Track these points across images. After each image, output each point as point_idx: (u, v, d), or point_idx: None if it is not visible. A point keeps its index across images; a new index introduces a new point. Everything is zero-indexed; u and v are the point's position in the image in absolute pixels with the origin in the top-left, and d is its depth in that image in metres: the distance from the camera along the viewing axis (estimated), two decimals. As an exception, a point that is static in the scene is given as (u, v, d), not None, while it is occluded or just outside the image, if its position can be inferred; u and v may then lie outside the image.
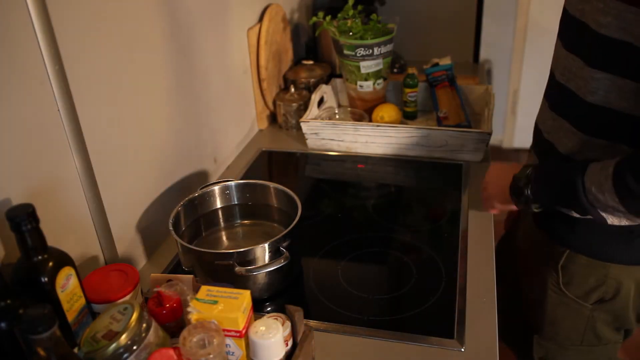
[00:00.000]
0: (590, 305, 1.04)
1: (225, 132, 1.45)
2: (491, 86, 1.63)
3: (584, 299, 1.03)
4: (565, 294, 1.05)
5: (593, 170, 0.84)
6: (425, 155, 1.45)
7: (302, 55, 1.99)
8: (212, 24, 1.32)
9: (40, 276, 0.70)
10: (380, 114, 1.54)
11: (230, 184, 1.14)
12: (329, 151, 1.52)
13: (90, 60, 0.90)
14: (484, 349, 0.88)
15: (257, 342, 0.71)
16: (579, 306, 1.04)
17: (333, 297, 1.00)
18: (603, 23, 0.83)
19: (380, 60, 1.52)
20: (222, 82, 1.40)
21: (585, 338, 1.09)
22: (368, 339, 0.91)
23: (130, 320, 0.68)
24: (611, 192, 0.81)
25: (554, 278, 1.05)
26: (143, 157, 1.08)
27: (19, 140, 0.78)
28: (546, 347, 1.15)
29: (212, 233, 1.12)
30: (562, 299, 1.06)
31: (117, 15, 0.96)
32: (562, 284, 1.04)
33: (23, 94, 0.78)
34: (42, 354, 0.58)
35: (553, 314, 1.09)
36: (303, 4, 2.02)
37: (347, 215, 1.27)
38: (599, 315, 1.05)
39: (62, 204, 0.87)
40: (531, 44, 3.01)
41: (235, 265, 0.92)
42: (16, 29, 0.76)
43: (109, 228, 0.98)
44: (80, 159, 0.89)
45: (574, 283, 1.03)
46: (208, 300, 0.72)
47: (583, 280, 1.02)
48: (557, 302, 1.07)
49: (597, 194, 0.83)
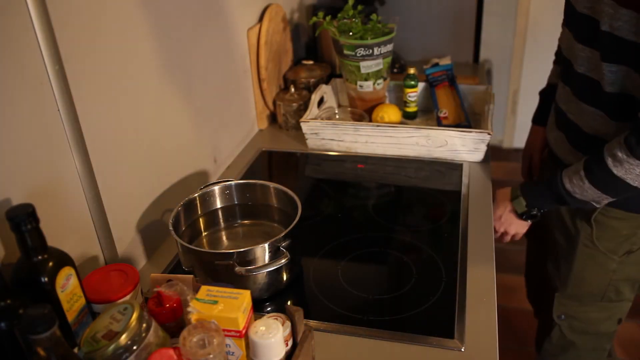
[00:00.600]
0: (618, 258, 1.15)
1: (225, 132, 1.45)
2: (491, 86, 1.63)
3: (614, 251, 1.15)
4: (596, 247, 1.16)
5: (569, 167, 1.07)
6: (425, 155, 1.45)
7: (302, 55, 1.99)
8: (212, 24, 1.32)
9: (40, 276, 0.70)
10: (380, 114, 1.54)
11: (230, 184, 1.14)
12: (329, 151, 1.52)
13: (90, 60, 0.90)
14: (484, 349, 0.88)
15: (257, 342, 0.71)
16: (607, 260, 1.16)
17: (333, 297, 1.00)
18: (615, 26, 0.93)
19: (380, 60, 1.52)
20: (222, 82, 1.40)
21: (607, 294, 1.21)
22: (368, 339, 0.91)
23: (130, 320, 0.68)
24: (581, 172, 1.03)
25: (587, 231, 1.16)
26: (143, 157, 1.08)
27: (19, 140, 0.78)
28: (566, 305, 1.27)
29: (212, 233, 1.12)
30: (592, 252, 1.17)
31: (117, 16, 0.96)
32: (595, 237, 1.15)
33: (23, 94, 0.78)
34: (42, 354, 0.58)
35: (580, 268, 1.20)
36: (303, 4, 2.02)
37: (347, 215, 1.27)
38: (623, 269, 1.17)
39: (62, 204, 0.87)
40: (531, 44, 3.00)
41: (235, 265, 0.92)
42: (16, 29, 0.76)
43: (109, 228, 0.98)
44: (80, 159, 0.89)
45: (605, 236, 1.15)
46: (208, 300, 0.72)
47: (615, 233, 1.14)
48: (586, 256, 1.18)
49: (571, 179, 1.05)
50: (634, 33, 0.91)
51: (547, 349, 1.38)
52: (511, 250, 2.47)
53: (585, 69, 1.06)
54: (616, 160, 0.97)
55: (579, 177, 1.05)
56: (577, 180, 1.05)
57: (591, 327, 1.28)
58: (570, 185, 1.07)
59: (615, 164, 0.98)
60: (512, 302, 2.11)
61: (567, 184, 1.08)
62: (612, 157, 0.98)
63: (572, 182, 1.06)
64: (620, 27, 0.92)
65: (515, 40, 3.01)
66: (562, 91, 1.17)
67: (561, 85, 1.18)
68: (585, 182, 1.04)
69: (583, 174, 1.04)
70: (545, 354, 1.40)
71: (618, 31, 0.93)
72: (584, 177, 1.04)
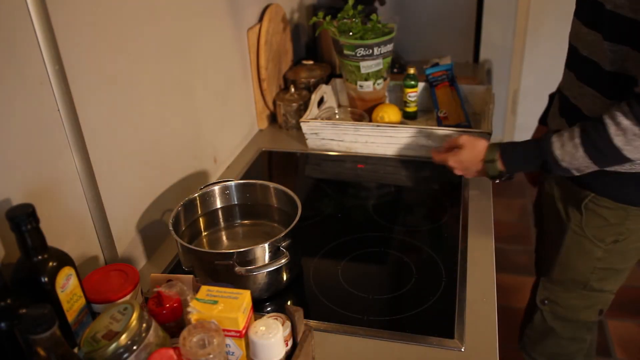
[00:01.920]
0: (604, 247, 1.17)
1: (225, 132, 1.45)
2: (491, 86, 1.63)
3: (601, 239, 1.17)
4: (584, 234, 1.18)
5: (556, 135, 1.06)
6: (425, 155, 1.45)
7: (302, 55, 1.99)
8: (212, 24, 1.32)
9: (40, 276, 0.70)
10: (380, 114, 1.54)
11: (230, 184, 1.14)
12: (329, 151, 1.52)
13: (90, 60, 0.90)
14: (484, 349, 0.88)
15: (257, 342, 0.71)
16: (593, 247, 1.18)
17: (333, 297, 1.01)
18: (618, 4, 0.95)
19: (380, 60, 1.52)
20: (222, 82, 1.40)
21: (589, 283, 1.23)
22: (368, 339, 0.91)
23: (130, 320, 0.68)
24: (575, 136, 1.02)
25: (576, 218, 1.18)
26: (143, 157, 1.08)
27: (19, 140, 0.78)
28: (550, 289, 1.31)
29: (212, 233, 1.13)
30: (579, 238, 1.19)
31: (117, 16, 0.96)
32: (584, 224, 1.17)
33: (23, 94, 0.78)
34: (42, 354, 0.58)
35: (566, 253, 1.23)
36: (303, 4, 2.02)
37: (347, 215, 1.27)
38: (608, 258, 1.19)
39: (62, 204, 0.87)
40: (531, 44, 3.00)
41: (235, 265, 0.92)
42: (16, 29, 0.76)
43: (109, 228, 0.98)
44: (80, 159, 0.89)
45: (594, 224, 1.16)
46: (208, 300, 0.72)
47: (604, 222, 1.15)
48: (573, 242, 1.21)
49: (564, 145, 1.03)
50: (634, 11, 0.93)
51: (528, 335, 1.42)
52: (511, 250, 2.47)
53: (589, 52, 1.07)
54: (620, 128, 0.95)
55: (572, 145, 1.02)
56: (570, 148, 1.02)
57: (572, 314, 1.31)
58: (561, 152, 1.04)
59: (618, 132, 0.96)
60: (512, 302, 2.11)
61: (557, 151, 1.05)
62: (616, 125, 0.96)
63: (564, 149, 1.03)
64: (623, 5, 0.95)
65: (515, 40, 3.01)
66: (567, 77, 1.18)
67: (566, 72, 1.19)
68: (579, 149, 1.01)
69: (579, 141, 1.01)
70: (526, 341, 1.43)
71: (621, 9, 0.95)
72: (579, 144, 1.01)
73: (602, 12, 1.00)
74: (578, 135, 1.02)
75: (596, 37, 1.04)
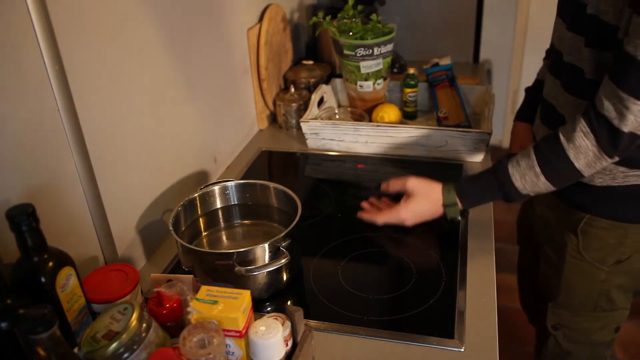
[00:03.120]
0: (607, 269, 1.10)
1: (225, 132, 1.45)
2: (491, 86, 1.63)
3: (601, 261, 1.10)
4: (583, 258, 1.11)
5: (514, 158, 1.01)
6: (425, 155, 1.45)
7: (302, 55, 1.99)
8: (212, 24, 1.32)
9: (40, 276, 0.70)
10: (380, 114, 1.54)
11: (230, 184, 1.14)
12: (329, 151, 1.52)
13: (90, 60, 0.90)
14: (484, 349, 0.88)
15: (257, 342, 0.71)
16: (596, 270, 1.11)
17: (333, 297, 1.00)
18: (602, 10, 0.90)
19: (380, 60, 1.52)
20: (222, 82, 1.40)
21: (599, 304, 1.15)
22: (368, 339, 0.91)
23: (130, 320, 0.68)
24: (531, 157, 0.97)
25: (573, 242, 1.11)
26: (143, 157, 1.08)
27: (19, 140, 0.78)
28: (559, 315, 1.22)
29: (212, 233, 1.12)
30: (580, 263, 1.12)
31: (117, 16, 0.96)
32: (581, 248, 1.10)
33: (23, 94, 0.78)
34: (42, 354, 0.58)
35: (569, 279, 1.16)
36: (303, 4, 2.02)
37: (347, 215, 1.27)
38: (613, 279, 1.11)
39: (62, 204, 0.87)
40: (531, 44, 3.01)
41: (235, 265, 0.92)
42: (16, 29, 0.76)
43: (109, 228, 0.98)
44: (80, 159, 0.89)
45: (592, 246, 1.09)
46: (208, 300, 0.72)
47: (602, 243, 1.08)
48: (574, 267, 1.13)
49: (524, 176, 0.98)
50: (617, 18, 0.88)
51: (545, 357, 1.33)
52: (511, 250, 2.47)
53: (572, 58, 1.02)
54: (580, 151, 0.92)
55: (533, 174, 0.97)
56: (531, 177, 0.98)
57: (586, 337, 1.23)
58: (522, 183, 0.99)
59: (578, 155, 0.92)
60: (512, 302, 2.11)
61: (518, 182, 1.00)
62: (576, 148, 0.92)
63: (525, 179, 0.99)
64: (606, 11, 0.90)
65: (515, 40, 3.01)
66: (552, 84, 1.12)
67: (550, 79, 1.13)
68: (540, 178, 0.97)
69: (539, 170, 0.97)
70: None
71: (604, 15, 0.90)
72: (540, 173, 0.97)
73: (583, 16, 0.95)
74: (536, 161, 0.97)
75: (579, 41, 0.99)
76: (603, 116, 0.90)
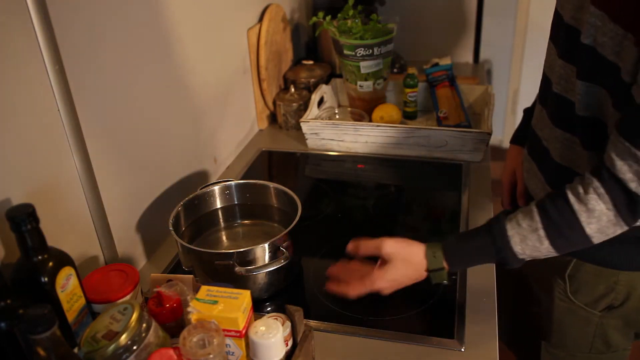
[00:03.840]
0: (599, 312, 1.02)
1: (225, 132, 1.45)
2: (491, 86, 1.63)
3: (593, 306, 1.01)
4: (573, 302, 1.03)
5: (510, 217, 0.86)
6: (425, 155, 1.45)
7: (302, 55, 1.99)
8: (212, 24, 1.32)
9: (40, 276, 0.70)
10: (380, 114, 1.54)
11: (230, 184, 1.14)
12: (329, 151, 1.52)
13: (90, 60, 0.90)
14: (484, 349, 0.88)
15: (257, 342, 0.71)
16: (588, 314, 1.02)
17: (333, 297, 1.00)
18: (599, 42, 0.80)
19: (380, 60, 1.52)
20: (222, 82, 1.40)
21: (594, 345, 1.06)
22: (368, 339, 0.91)
23: (130, 320, 0.68)
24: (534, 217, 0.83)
25: (561, 287, 1.03)
26: (143, 157, 1.08)
27: (19, 140, 0.78)
28: (554, 354, 1.12)
29: (212, 233, 1.12)
30: (570, 307, 1.03)
31: (117, 16, 0.96)
32: (570, 293, 1.02)
33: (23, 94, 0.78)
34: (42, 354, 0.58)
35: (561, 322, 1.07)
36: (303, 4, 2.02)
37: (347, 215, 1.27)
38: (608, 322, 1.02)
39: (62, 204, 0.87)
40: (531, 44, 3.00)
41: (235, 265, 0.92)
42: (16, 29, 0.76)
43: (109, 228, 0.98)
44: (80, 159, 0.89)
45: (582, 291, 1.01)
46: (208, 300, 0.72)
47: (592, 288, 1.00)
48: (564, 310, 1.05)
49: (525, 240, 0.84)
50: (616, 53, 0.78)
51: None
52: (511, 250, 2.46)
53: (561, 89, 0.92)
54: (593, 215, 0.80)
55: (536, 238, 0.83)
56: (533, 241, 0.84)
57: None
58: (522, 247, 0.84)
59: (590, 220, 0.80)
60: (512, 302, 2.11)
61: (517, 247, 0.84)
62: (589, 212, 0.80)
63: (526, 243, 0.84)
64: (604, 44, 0.80)
65: (515, 40, 3.01)
66: (539, 115, 1.02)
67: (538, 109, 1.03)
68: (544, 242, 0.83)
69: (543, 233, 0.83)
70: None
71: (601, 48, 0.80)
72: (544, 237, 0.83)
73: (578, 44, 0.84)
74: (540, 224, 0.83)
75: (569, 71, 0.89)
76: (618, 178, 0.78)
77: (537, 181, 1.03)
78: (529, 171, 1.07)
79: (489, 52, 2.97)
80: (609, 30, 0.79)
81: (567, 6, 0.90)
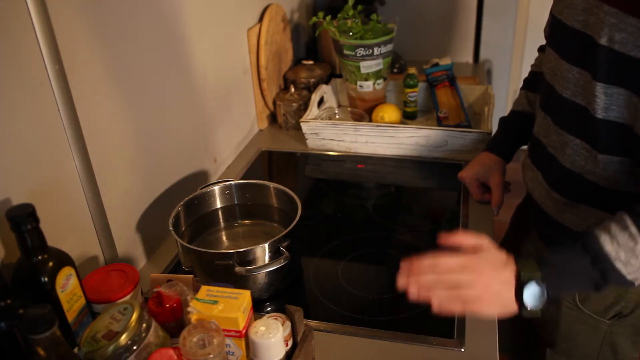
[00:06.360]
0: (608, 321, 1.01)
1: (225, 132, 1.45)
2: (491, 86, 1.63)
3: (602, 314, 1.00)
4: (581, 310, 1.01)
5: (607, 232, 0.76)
6: (425, 155, 1.45)
7: (302, 55, 1.99)
8: (212, 24, 1.32)
9: (40, 276, 0.70)
10: (380, 114, 1.54)
11: (230, 184, 1.14)
12: (329, 151, 1.52)
13: (90, 61, 0.90)
14: (484, 349, 0.88)
15: (257, 342, 0.71)
16: (596, 322, 1.02)
17: (333, 297, 1.00)
18: (616, 39, 0.77)
19: (380, 60, 1.52)
20: (222, 82, 1.40)
21: (602, 353, 1.05)
22: (368, 339, 0.91)
23: (130, 320, 0.68)
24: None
25: (569, 295, 1.01)
26: (143, 157, 1.08)
27: (19, 140, 0.78)
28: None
29: (212, 233, 1.12)
30: (578, 315, 1.02)
31: (117, 16, 0.96)
32: (579, 301, 1.01)
33: (23, 94, 0.78)
34: (42, 354, 0.58)
35: (568, 330, 1.06)
36: (303, 4, 2.02)
37: (347, 215, 1.27)
38: (617, 330, 1.02)
39: (62, 204, 0.87)
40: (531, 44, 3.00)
41: (235, 265, 0.92)
42: (16, 29, 0.76)
43: (109, 228, 0.98)
44: (80, 159, 0.89)
45: (590, 300, 1.00)
46: (208, 300, 0.72)
47: (601, 297, 0.98)
48: (572, 318, 1.03)
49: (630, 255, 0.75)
50: (638, 47, 0.75)
51: None
52: (511, 250, 2.46)
53: (571, 93, 0.90)
54: None
55: None
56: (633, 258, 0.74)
57: None
58: (624, 266, 0.74)
59: None
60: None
61: (620, 264, 0.74)
62: None
63: (629, 263, 0.74)
64: (624, 41, 0.77)
65: (515, 40, 3.01)
66: (543, 122, 1.00)
67: (541, 116, 1.00)
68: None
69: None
70: None
71: (619, 45, 0.77)
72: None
73: (593, 47, 0.82)
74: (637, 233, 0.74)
75: (581, 75, 0.87)
76: None
77: (542, 189, 1.01)
78: (533, 180, 1.04)
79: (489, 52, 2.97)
80: (628, 25, 0.76)
81: (568, 11, 0.89)
